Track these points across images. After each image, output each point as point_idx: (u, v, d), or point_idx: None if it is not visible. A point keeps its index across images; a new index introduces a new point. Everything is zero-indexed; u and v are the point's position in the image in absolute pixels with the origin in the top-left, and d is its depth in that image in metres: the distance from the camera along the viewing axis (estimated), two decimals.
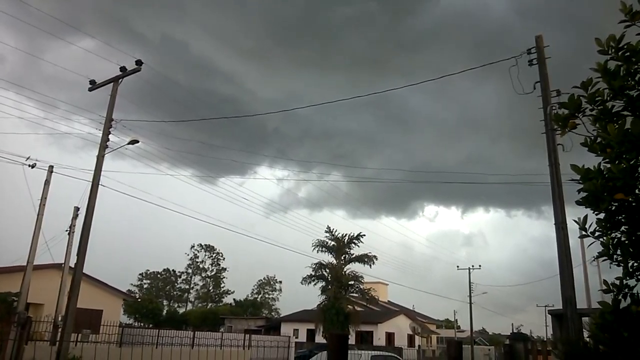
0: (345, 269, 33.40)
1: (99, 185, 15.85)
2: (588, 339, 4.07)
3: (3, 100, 22.88)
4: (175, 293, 77.40)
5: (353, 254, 33.60)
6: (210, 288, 78.06)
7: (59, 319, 19.02)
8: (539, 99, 10.61)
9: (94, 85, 17.34)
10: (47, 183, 20.21)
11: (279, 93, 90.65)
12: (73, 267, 16.34)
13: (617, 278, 3.28)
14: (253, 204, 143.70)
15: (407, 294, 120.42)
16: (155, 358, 20.05)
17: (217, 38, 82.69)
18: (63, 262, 22.17)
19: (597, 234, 3.35)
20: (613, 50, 3.28)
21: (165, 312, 65.30)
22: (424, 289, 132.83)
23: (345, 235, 33.70)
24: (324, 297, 33.01)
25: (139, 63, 16.63)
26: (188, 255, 77.07)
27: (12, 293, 19.30)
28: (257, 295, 77.46)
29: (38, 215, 19.84)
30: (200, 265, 77.96)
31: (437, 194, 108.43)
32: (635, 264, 3.21)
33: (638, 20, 3.25)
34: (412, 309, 57.86)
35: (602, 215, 3.30)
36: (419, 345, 46.03)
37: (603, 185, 3.15)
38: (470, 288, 50.24)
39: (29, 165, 19.56)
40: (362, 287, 33.87)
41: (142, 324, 54.92)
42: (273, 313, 72.39)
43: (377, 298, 37.05)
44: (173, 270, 77.24)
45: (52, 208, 20.44)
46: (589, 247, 3.62)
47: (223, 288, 77.99)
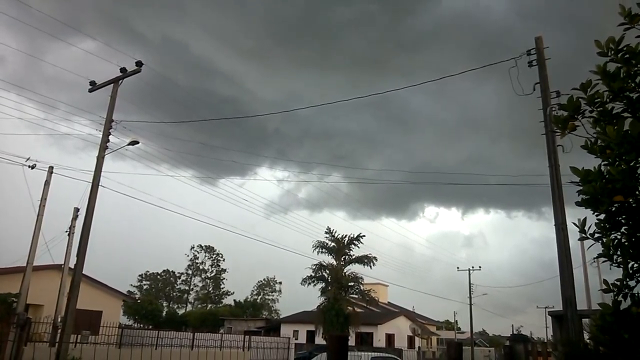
0: (345, 270, 33.36)
1: (99, 186, 15.87)
2: (588, 341, 4.07)
3: (3, 101, 22.90)
4: (175, 294, 77.33)
5: (353, 255, 33.55)
6: (210, 289, 78.00)
7: (59, 320, 19.02)
8: (539, 99, 10.62)
9: (94, 86, 17.35)
10: (47, 184, 20.22)
11: (279, 93, 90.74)
12: (73, 268, 16.33)
13: (617, 280, 3.28)
14: (253, 205, 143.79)
15: (407, 295, 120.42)
16: (155, 359, 20.04)
17: (217, 38, 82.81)
18: (63, 263, 22.16)
19: (596, 236, 3.35)
20: (612, 53, 3.29)
21: (165, 313, 65.24)
22: (424, 290, 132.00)
23: (345, 236, 33.66)
24: (324, 298, 32.96)
25: (139, 64, 16.66)
26: (188, 256, 77.18)
27: (11, 294, 19.31)
28: (257, 297, 77.43)
29: (38, 216, 19.84)
30: (200, 266, 77.97)
31: (437, 195, 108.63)
32: (636, 265, 3.21)
33: (637, 23, 3.26)
34: (412, 310, 57.78)
35: (602, 216, 3.30)
36: (419, 347, 45.97)
37: (602, 188, 3.15)
38: (471, 289, 50.26)
39: (29, 166, 19.58)
40: (362, 288, 33.82)
41: (141, 325, 54.92)
42: (273, 314, 72.37)
43: (377, 299, 36.99)
44: (173, 272, 77.27)
45: (52, 209, 20.46)
46: (589, 248, 3.60)
47: (223, 289, 78.00)
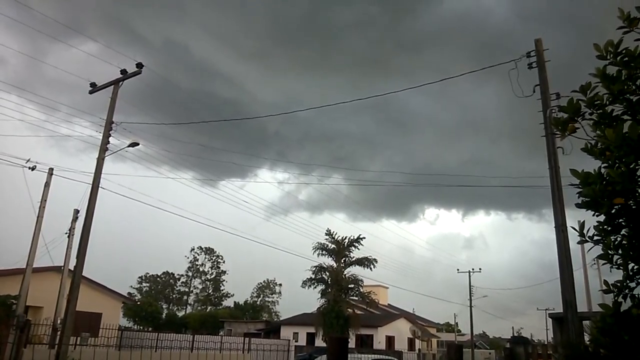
0: (346, 272, 33.36)
1: (99, 188, 15.88)
2: (589, 343, 4.06)
3: (4, 103, 22.98)
4: (175, 296, 77.22)
5: (353, 257, 33.58)
6: (210, 291, 77.90)
7: (58, 322, 19.01)
8: (539, 101, 10.65)
9: (95, 88, 17.38)
10: (47, 185, 20.23)
11: (280, 95, 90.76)
12: (72, 269, 16.32)
13: (617, 281, 3.28)
14: (253, 207, 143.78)
15: (407, 297, 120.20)
16: None
17: (217, 39, 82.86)
18: (62, 264, 22.16)
19: (595, 239, 3.35)
20: (612, 56, 3.30)
21: (165, 315, 65.15)
22: (425, 292, 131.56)
23: (346, 238, 33.68)
24: (324, 300, 32.96)
25: (140, 66, 16.69)
26: (188, 258, 77.10)
27: (11, 296, 19.27)
28: (256, 299, 77.31)
29: (38, 218, 19.84)
30: (200, 268, 77.87)
31: (437, 197, 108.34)
32: (636, 267, 3.21)
33: (636, 26, 3.27)
34: (412, 313, 57.71)
35: (602, 218, 3.30)
36: (419, 349, 45.93)
37: (602, 190, 3.16)
38: (471, 291, 50.23)
39: (29, 168, 19.60)
40: (362, 290, 33.82)
41: (141, 327, 54.92)
42: (273, 316, 72.27)
43: (377, 301, 36.98)
44: (172, 273, 77.18)
45: (52, 210, 20.47)
46: (590, 250, 3.60)
47: (223, 291, 77.90)
